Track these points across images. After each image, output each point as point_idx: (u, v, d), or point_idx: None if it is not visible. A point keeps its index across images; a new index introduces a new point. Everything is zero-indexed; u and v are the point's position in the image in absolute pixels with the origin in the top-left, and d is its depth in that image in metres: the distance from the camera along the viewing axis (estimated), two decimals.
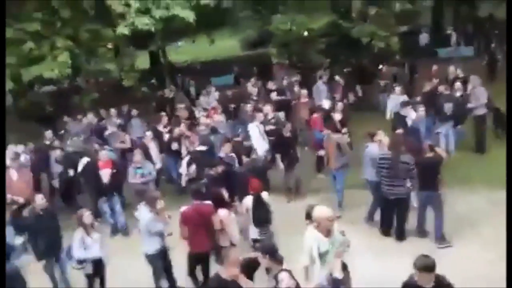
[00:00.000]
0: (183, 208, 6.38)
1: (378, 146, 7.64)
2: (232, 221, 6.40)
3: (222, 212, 6.38)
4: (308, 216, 5.14)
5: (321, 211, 5.10)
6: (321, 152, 9.19)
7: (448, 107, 9.80)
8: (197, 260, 6.44)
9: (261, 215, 6.44)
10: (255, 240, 6.38)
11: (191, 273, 6.55)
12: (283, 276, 4.47)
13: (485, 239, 6.91)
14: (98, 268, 6.49)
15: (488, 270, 6.11)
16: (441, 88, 10.81)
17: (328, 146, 8.44)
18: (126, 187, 9.48)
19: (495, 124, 10.68)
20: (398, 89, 11.58)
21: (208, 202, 6.44)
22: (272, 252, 4.79)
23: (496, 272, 5.95)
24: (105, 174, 8.77)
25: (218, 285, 4.62)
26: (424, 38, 22.67)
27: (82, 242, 6.30)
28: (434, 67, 13.24)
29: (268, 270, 4.85)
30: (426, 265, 4.25)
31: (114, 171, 8.85)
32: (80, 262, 6.36)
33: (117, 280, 6.87)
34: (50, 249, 6.84)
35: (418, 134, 8.98)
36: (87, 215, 6.42)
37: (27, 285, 6.42)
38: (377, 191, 7.51)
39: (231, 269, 4.60)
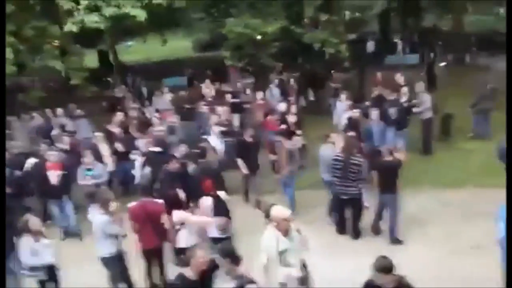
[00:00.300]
0: (131, 204, 6.39)
1: (331, 148, 7.87)
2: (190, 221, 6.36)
3: (179, 213, 6.34)
4: (267, 215, 5.20)
5: (279, 211, 5.18)
6: (273, 157, 9.31)
7: (392, 112, 10.24)
8: (149, 257, 6.43)
9: (222, 215, 6.44)
10: (214, 239, 6.37)
11: (148, 273, 6.46)
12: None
13: (433, 238, 7.24)
14: (51, 274, 6.20)
15: (436, 268, 6.39)
16: (386, 93, 11.27)
17: (281, 152, 8.58)
18: (77, 190, 9.13)
19: (442, 128, 11.24)
20: (343, 95, 11.86)
21: (158, 200, 6.48)
22: (231, 255, 4.80)
23: (444, 270, 6.29)
24: (53, 176, 8.45)
25: (182, 285, 4.57)
26: (371, 46, 23.57)
27: (31, 249, 5.97)
28: (378, 74, 13.77)
29: (227, 272, 4.85)
30: (384, 266, 4.36)
31: (62, 172, 8.53)
32: (32, 269, 6.05)
33: (72, 285, 6.61)
34: None
35: (371, 137, 9.31)
36: (33, 221, 6.07)
37: None
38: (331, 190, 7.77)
39: (197, 269, 4.58)
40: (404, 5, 24.25)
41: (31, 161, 9.10)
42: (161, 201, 6.50)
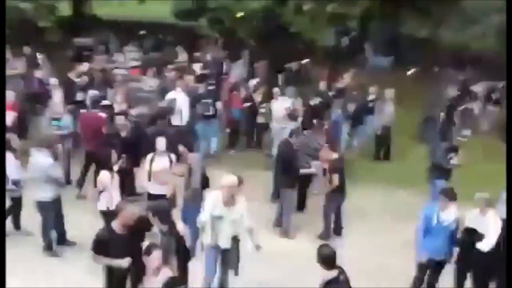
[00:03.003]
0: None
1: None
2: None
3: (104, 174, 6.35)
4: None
5: (226, 178, 5.25)
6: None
7: (350, 107, 10.50)
8: (88, 160, 8.00)
9: None
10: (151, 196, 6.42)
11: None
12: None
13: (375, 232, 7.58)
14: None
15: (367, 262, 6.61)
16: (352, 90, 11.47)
17: None
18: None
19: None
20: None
21: (103, 114, 8.24)
22: (161, 213, 4.81)
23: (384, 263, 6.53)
24: (9, 117, 8.22)
25: (110, 236, 4.56)
26: (345, 41, 23.73)
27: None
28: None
29: (161, 232, 4.85)
30: (325, 255, 4.12)
31: (17, 115, 8.42)
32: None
33: None
34: None
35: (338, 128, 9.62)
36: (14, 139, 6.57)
37: None
38: None
39: (124, 223, 4.58)
40: (384, 8, 24.51)
41: None
42: (104, 114, 8.20)
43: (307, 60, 15.30)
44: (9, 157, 6.44)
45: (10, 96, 8.60)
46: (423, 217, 5.74)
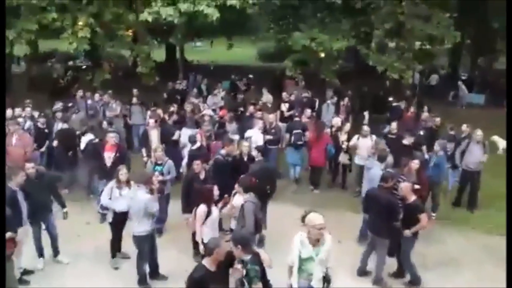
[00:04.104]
0: None
1: None
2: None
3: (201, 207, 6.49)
4: (303, 220, 5.19)
5: (312, 217, 5.14)
6: None
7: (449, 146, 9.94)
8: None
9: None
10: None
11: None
12: None
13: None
14: (121, 221, 7.07)
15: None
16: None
17: None
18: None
19: None
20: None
21: None
22: (244, 243, 4.83)
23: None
24: (109, 158, 8.76)
25: (203, 276, 4.61)
26: (434, 79, 23.01)
27: (110, 193, 6.97)
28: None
29: (242, 262, 4.84)
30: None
31: (118, 155, 8.80)
32: (103, 208, 7.11)
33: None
34: (37, 213, 6.91)
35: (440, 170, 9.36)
36: (123, 173, 6.96)
37: None
38: None
39: (218, 260, 4.64)
40: (478, 43, 23.49)
41: (88, 137, 9.71)
42: None
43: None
44: (111, 183, 7.05)
45: (112, 138, 8.97)
46: None
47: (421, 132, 10.83)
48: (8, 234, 5.75)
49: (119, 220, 7.03)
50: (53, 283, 6.74)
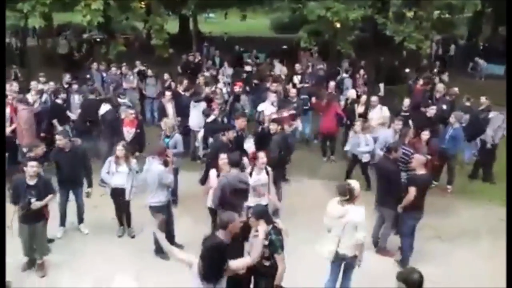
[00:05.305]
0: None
1: None
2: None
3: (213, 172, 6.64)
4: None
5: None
6: None
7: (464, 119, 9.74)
8: None
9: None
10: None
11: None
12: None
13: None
14: (120, 195, 7.15)
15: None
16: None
17: None
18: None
19: None
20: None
21: None
22: (266, 216, 4.94)
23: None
24: (128, 133, 8.85)
25: (218, 249, 4.62)
26: (453, 49, 22.54)
27: (108, 167, 7.05)
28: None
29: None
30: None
31: (138, 131, 8.95)
32: (103, 182, 7.17)
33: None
34: (67, 184, 7.20)
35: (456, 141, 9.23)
36: (119, 148, 6.99)
37: None
38: None
39: (233, 233, 4.69)
40: (498, 11, 22.76)
41: (106, 107, 9.81)
42: None
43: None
44: (111, 159, 7.08)
45: (132, 114, 9.05)
46: None
47: (444, 106, 10.54)
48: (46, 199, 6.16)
49: (117, 194, 7.14)
50: (74, 251, 6.92)
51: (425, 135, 8.24)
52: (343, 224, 5.33)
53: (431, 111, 9.68)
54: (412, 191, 6.43)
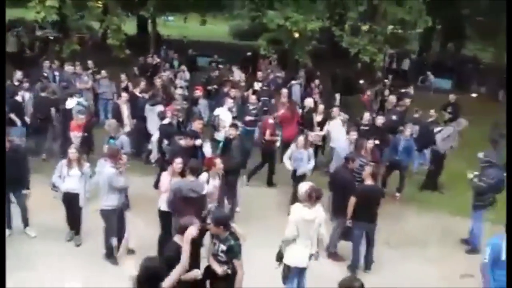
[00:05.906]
0: None
1: None
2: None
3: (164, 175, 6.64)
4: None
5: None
6: None
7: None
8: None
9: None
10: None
11: None
12: None
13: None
14: (71, 200, 6.86)
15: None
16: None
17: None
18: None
19: None
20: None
21: None
22: (225, 223, 4.90)
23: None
24: (76, 137, 8.62)
25: (176, 254, 4.59)
26: (406, 64, 23.41)
27: (60, 171, 6.79)
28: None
29: (219, 239, 4.93)
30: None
31: (86, 134, 8.76)
32: (54, 186, 6.94)
33: None
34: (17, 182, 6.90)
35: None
36: (72, 151, 6.75)
37: None
38: None
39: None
40: (448, 29, 23.94)
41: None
42: None
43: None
44: (62, 162, 6.88)
45: (81, 118, 8.85)
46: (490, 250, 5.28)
47: (394, 117, 10.90)
48: None
49: (68, 198, 6.87)
50: (19, 255, 6.63)
51: (370, 143, 8.44)
52: (316, 226, 5.49)
53: (380, 120, 9.99)
54: (352, 200, 6.65)
